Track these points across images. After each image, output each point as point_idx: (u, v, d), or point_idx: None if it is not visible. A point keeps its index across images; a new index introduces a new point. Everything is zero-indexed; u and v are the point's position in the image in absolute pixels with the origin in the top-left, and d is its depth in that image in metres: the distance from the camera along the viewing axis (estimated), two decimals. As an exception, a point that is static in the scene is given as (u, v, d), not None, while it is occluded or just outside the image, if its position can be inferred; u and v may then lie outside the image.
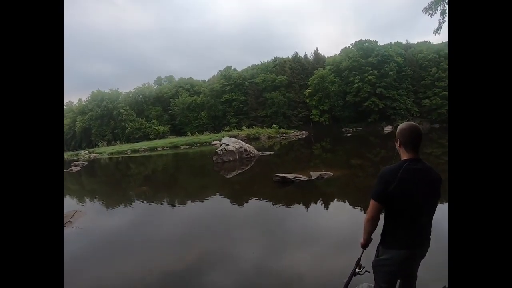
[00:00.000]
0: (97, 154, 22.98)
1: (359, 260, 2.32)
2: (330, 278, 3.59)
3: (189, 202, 8.15)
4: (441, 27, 9.09)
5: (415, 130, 2.04)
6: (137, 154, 22.16)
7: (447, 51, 38.31)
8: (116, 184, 11.77)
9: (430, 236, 2.10)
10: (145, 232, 5.81)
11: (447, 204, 6.04)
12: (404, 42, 46.15)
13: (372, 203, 2.01)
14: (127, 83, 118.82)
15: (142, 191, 9.53)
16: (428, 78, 39.05)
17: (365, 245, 2.21)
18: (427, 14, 9.65)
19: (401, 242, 2.02)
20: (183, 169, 15.06)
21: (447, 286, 3.23)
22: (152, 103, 49.29)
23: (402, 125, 2.10)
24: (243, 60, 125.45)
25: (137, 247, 4.98)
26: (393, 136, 2.20)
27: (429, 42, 44.38)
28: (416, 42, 46.13)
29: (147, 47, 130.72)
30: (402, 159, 2.05)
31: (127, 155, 21.52)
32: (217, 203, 7.85)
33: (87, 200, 8.80)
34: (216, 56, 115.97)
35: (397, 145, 2.10)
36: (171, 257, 4.51)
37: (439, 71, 38.28)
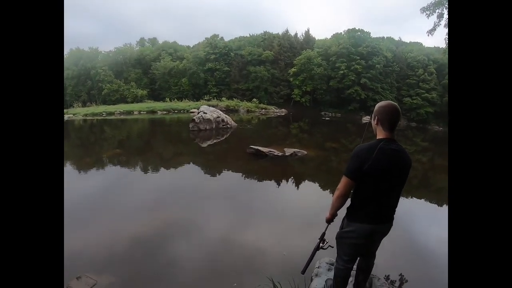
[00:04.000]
0: (71, 115, 21.71)
1: (323, 234, 2.35)
2: (293, 253, 3.74)
3: (162, 169, 8.07)
4: (435, 29, 9.09)
5: (394, 109, 2.02)
6: (113, 117, 21.43)
7: (437, 56, 38.75)
8: (89, 147, 11.37)
9: (394, 215, 2.15)
10: (116, 197, 5.74)
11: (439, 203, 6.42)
12: (396, 38, 46.56)
13: (344, 179, 2.01)
14: (108, 43, 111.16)
15: (115, 154, 9.31)
16: (413, 78, 39.78)
17: (330, 220, 2.24)
18: (424, 14, 9.61)
19: (367, 217, 2.05)
20: (159, 135, 14.79)
21: (403, 275, 3.49)
22: (133, 65, 46.98)
23: (381, 103, 2.07)
24: (231, 32, 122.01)
25: (106, 212, 4.93)
26: (370, 127, 2.18)
27: (421, 44, 44.92)
28: (408, 41, 46.61)
29: (132, 7, 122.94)
30: (377, 137, 2.03)
31: (102, 118, 20.73)
32: (190, 172, 7.83)
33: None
34: (203, 23, 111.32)
35: (374, 122, 2.06)
36: (139, 223, 4.51)
37: (425, 73, 39.08)
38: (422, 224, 5.31)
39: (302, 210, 5.38)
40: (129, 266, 3.43)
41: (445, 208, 6.36)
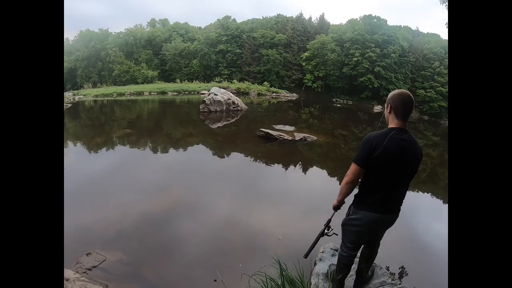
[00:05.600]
0: (81, 96, 21.80)
1: (329, 221, 2.37)
2: (295, 237, 3.78)
3: (171, 149, 8.14)
4: None
5: (408, 98, 2.00)
6: (123, 98, 21.51)
7: None
8: (99, 127, 11.46)
9: (401, 207, 2.14)
10: (125, 176, 5.84)
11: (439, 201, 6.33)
12: (414, 28, 44.96)
13: (353, 166, 2.01)
14: (119, 24, 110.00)
15: (125, 134, 9.38)
16: (428, 70, 38.48)
17: (337, 207, 2.25)
18: (444, 5, 9.24)
19: (373, 205, 2.05)
20: (169, 116, 14.83)
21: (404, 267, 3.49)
22: (143, 46, 46.65)
23: (395, 91, 2.05)
24: (243, 13, 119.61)
25: (115, 190, 5.03)
26: (381, 117, 2.16)
27: (438, 36, 43.12)
28: (425, 32, 44.92)
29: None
30: (389, 126, 2.01)
31: (112, 98, 20.81)
32: (199, 153, 7.89)
33: (69, 142, 8.28)
34: (215, 4, 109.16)
35: (386, 111, 2.04)
36: (147, 201, 4.61)
37: (441, 66, 37.66)
38: (427, 219, 5.29)
39: (307, 196, 5.40)
40: (137, 242, 3.52)
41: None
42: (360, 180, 2.08)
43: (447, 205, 6.21)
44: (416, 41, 41.00)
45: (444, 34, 47.06)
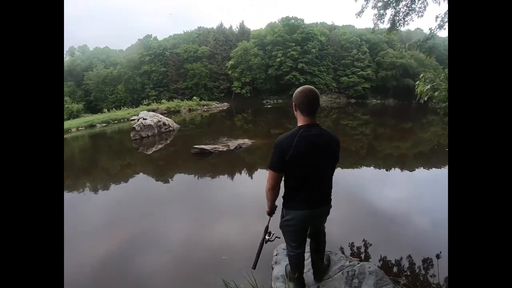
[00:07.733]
0: None
1: (267, 227, 2.37)
2: (252, 246, 3.92)
3: (112, 185, 7.77)
4: (363, 11, 9.66)
5: (311, 93, 1.98)
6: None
7: (368, 36, 41.34)
8: None
9: (331, 197, 2.21)
10: (70, 223, 5.42)
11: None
12: (329, 23, 48.74)
13: (270, 173, 2.01)
14: None
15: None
16: (348, 58, 42.54)
17: (270, 213, 2.29)
18: None
19: (301, 203, 2.07)
20: (102, 150, 13.99)
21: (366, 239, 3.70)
22: (64, 77, 43.63)
23: (298, 89, 2.05)
24: (165, 31, 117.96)
25: (66, 240, 4.66)
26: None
27: (353, 26, 48.04)
28: (341, 25, 49.22)
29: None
30: (298, 124, 2.01)
31: (37, 141, 18.98)
32: (141, 183, 7.65)
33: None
34: (134, 25, 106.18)
35: (294, 110, 2.05)
36: (99, 245, 4.35)
37: (359, 53, 42.11)
38: (374, 190, 5.92)
39: (254, 202, 5.58)
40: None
41: (393, 171, 7.21)
42: (283, 181, 2.09)
43: (389, 172, 6.99)
44: (333, 34, 44.65)
45: (357, 24, 51.76)
